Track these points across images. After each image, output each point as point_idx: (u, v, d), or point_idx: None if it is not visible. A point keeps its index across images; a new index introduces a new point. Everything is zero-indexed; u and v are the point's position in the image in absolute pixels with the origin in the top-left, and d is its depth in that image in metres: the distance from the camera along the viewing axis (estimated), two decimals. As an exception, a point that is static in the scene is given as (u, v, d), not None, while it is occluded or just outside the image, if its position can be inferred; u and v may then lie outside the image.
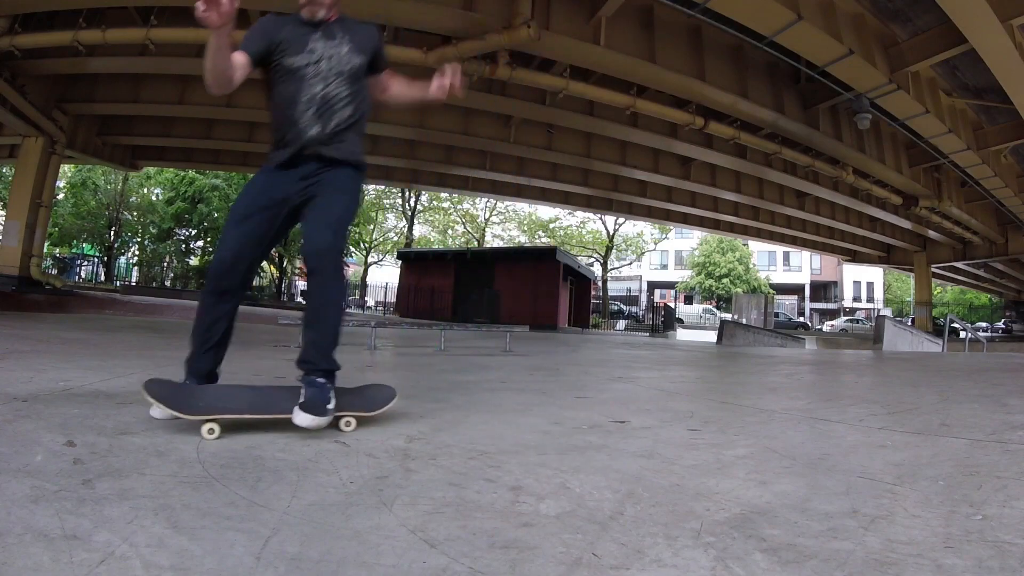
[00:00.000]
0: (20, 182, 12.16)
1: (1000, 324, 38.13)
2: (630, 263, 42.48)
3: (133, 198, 30.19)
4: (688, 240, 47.66)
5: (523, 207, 34.33)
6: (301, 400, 1.90)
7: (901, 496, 1.46)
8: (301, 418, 1.86)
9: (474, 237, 35.55)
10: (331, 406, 1.92)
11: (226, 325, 2.06)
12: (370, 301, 30.79)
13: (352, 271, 41.73)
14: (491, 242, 35.66)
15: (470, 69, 8.97)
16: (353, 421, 2.01)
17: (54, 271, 21.09)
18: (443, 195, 31.61)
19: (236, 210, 2.06)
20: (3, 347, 4.03)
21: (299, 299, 30.36)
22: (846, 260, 28.67)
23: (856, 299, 49.55)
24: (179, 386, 1.98)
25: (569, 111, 11.32)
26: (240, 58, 1.98)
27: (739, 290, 41.98)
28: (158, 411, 1.88)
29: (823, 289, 50.50)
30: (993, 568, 1.05)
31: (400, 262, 26.69)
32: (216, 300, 2.02)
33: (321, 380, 1.95)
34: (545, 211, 34.60)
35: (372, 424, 2.16)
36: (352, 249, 34.47)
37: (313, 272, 1.95)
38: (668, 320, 24.27)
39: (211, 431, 1.81)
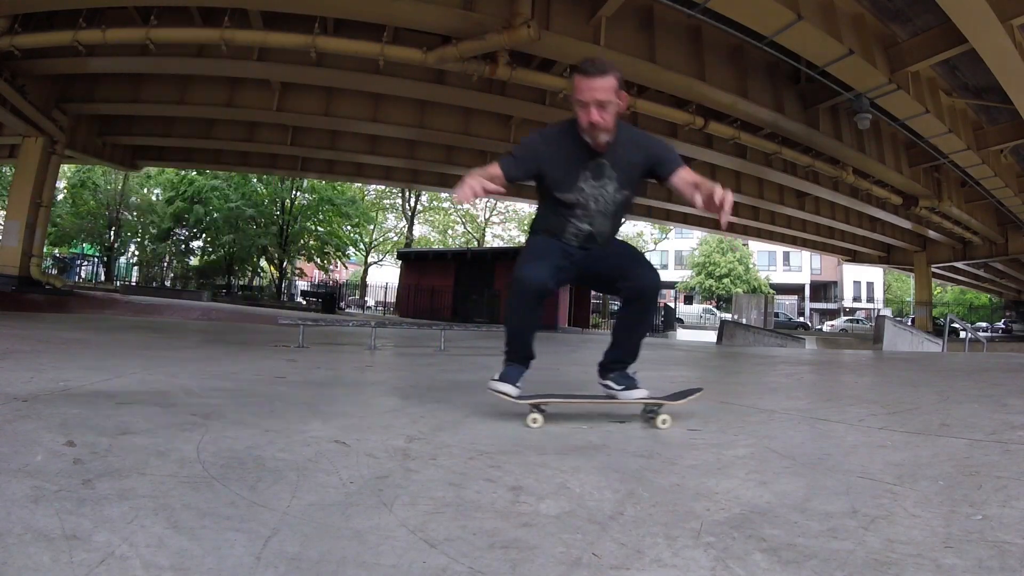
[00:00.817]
0: (20, 182, 12.17)
1: (1000, 324, 38.11)
2: (630, 263, 42.40)
3: (133, 198, 30.19)
4: (688, 240, 47.65)
5: (523, 207, 34.33)
6: (621, 387, 2.31)
7: (901, 496, 1.46)
8: (632, 393, 2.27)
9: (474, 237, 35.55)
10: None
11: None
12: (370, 301, 30.81)
13: (352, 271, 41.81)
14: (491, 242, 35.66)
15: (470, 69, 8.97)
16: (668, 418, 2.23)
17: (54, 271, 21.10)
18: (443, 195, 31.61)
19: (537, 251, 2.29)
20: (3, 347, 4.03)
21: (299, 299, 30.36)
22: (846, 260, 28.68)
23: (856, 299, 49.54)
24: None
25: (569, 111, 11.28)
26: (493, 171, 2.06)
27: (739, 290, 41.97)
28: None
29: (823, 289, 50.49)
30: (993, 568, 1.05)
31: (400, 262, 26.69)
32: (538, 304, 2.30)
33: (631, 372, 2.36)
34: (545, 211, 34.53)
35: (372, 424, 2.17)
36: (351, 249, 34.52)
37: (641, 305, 2.28)
38: (668, 320, 24.27)
39: (534, 420, 2.13)
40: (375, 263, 38.30)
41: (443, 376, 3.92)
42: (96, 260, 28.73)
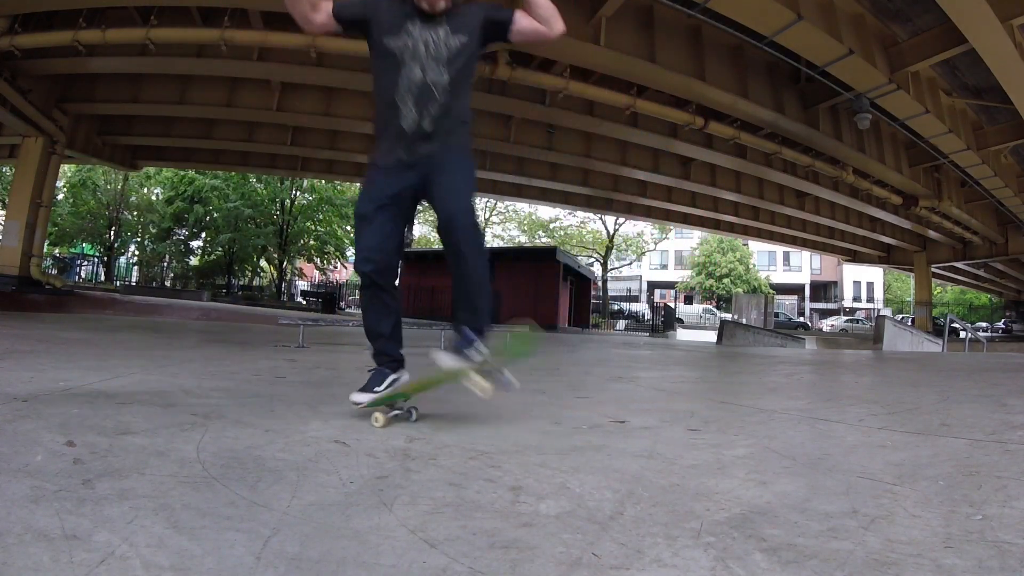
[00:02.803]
0: (20, 182, 12.16)
1: (1000, 324, 38.11)
2: (630, 263, 42.51)
3: (133, 198, 30.19)
4: (688, 240, 47.63)
5: (523, 207, 34.35)
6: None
7: (901, 496, 1.46)
8: (443, 357, 2.05)
9: (474, 237, 35.50)
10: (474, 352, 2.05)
11: (397, 315, 2.22)
12: (370, 301, 30.72)
13: (352, 271, 41.82)
14: (491, 242, 35.66)
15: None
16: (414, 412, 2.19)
17: (54, 271, 21.09)
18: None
19: (362, 209, 2.11)
20: (3, 347, 4.03)
21: (299, 299, 30.36)
22: (846, 260, 28.67)
23: (856, 299, 49.53)
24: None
25: (569, 111, 11.32)
26: (326, 7, 1.99)
27: (739, 290, 41.96)
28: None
29: (823, 289, 50.48)
30: (993, 568, 1.05)
31: (400, 262, 26.67)
32: (374, 295, 2.14)
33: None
34: (545, 211, 34.63)
35: (372, 424, 2.16)
36: (351, 249, 34.53)
37: (450, 242, 2.01)
38: (668, 320, 24.29)
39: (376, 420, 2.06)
40: (375, 263, 38.22)
41: (443, 376, 3.92)
42: (96, 260, 28.73)
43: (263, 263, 31.45)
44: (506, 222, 36.69)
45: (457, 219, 1.98)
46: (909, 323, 18.99)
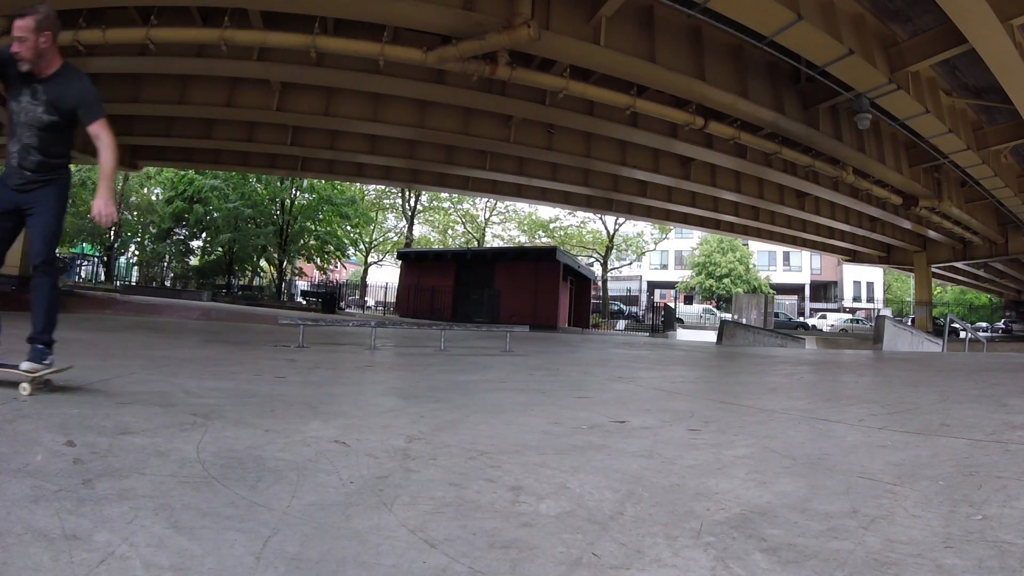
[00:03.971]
0: (20, 182, 12.16)
1: (1000, 324, 38.10)
2: (630, 263, 42.50)
3: (133, 198, 30.20)
4: (688, 240, 47.62)
5: (523, 207, 34.35)
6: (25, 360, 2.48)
7: (901, 496, 1.46)
8: (24, 365, 2.47)
9: (474, 237, 35.55)
10: (47, 361, 2.55)
11: None
12: (370, 301, 30.80)
13: (352, 271, 41.86)
14: (491, 242, 35.65)
15: (470, 69, 8.96)
16: (27, 386, 2.43)
17: (54, 271, 21.06)
18: (443, 195, 31.61)
19: None
20: (3, 347, 4.02)
21: (299, 299, 30.39)
22: (846, 260, 28.67)
23: (856, 299, 49.51)
24: None
25: (569, 111, 11.31)
26: None
27: (739, 290, 41.94)
28: None
29: (823, 289, 50.48)
30: (993, 568, 1.05)
31: (400, 262, 26.68)
32: None
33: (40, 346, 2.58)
34: (545, 211, 34.62)
35: (372, 424, 2.17)
36: (351, 249, 34.58)
37: (36, 271, 2.60)
38: (668, 320, 24.28)
39: None
40: (375, 263, 38.31)
41: (443, 376, 3.92)
42: (96, 260, 28.75)
43: (263, 263, 31.45)
44: (506, 222, 36.70)
45: (40, 256, 2.56)
46: (909, 323, 18.98)
